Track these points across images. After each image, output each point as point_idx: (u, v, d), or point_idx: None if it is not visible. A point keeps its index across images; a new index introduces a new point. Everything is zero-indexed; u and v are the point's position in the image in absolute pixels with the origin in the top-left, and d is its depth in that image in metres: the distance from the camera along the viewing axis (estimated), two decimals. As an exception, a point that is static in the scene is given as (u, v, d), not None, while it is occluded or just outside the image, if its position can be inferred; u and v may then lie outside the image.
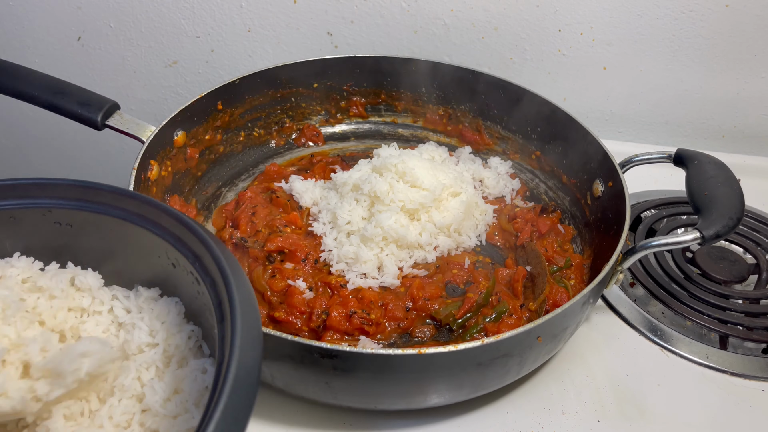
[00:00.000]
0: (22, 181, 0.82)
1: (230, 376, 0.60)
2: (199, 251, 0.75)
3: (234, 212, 1.27)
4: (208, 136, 1.38)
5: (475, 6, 1.57)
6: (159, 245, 0.80)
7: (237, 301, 0.67)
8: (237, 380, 0.60)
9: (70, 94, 1.18)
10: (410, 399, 0.95)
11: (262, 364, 0.67)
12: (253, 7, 1.64)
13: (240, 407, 0.59)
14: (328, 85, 1.52)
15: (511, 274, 1.17)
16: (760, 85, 1.62)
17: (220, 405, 0.57)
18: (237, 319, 0.65)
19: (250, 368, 0.63)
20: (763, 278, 1.28)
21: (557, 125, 1.35)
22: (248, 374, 0.62)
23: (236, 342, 0.63)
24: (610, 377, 1.09)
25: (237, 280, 0.70)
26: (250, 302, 0.70)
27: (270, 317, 1.07)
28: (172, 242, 0.78)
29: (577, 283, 1.15)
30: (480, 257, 1.24)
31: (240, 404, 0.59)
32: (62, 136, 1.97)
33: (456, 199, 1.24)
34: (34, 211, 0.82)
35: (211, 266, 0.72)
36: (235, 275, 0.70)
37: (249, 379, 0.62)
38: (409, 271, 1.17)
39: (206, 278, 0.73)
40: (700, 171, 1.11)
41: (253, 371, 0.64)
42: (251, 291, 0.72)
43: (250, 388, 0.62)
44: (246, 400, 0.61)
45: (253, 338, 0.66)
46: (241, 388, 0.60)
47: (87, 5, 1.69)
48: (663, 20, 1.54)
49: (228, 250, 0.77)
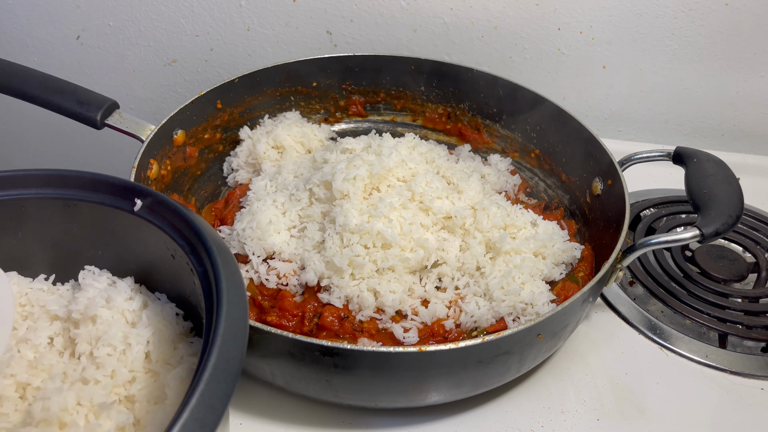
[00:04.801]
0: (32, 172, 0.83)
1: (210, 363, 0.60)
2: (194, 241, 0.75)
3: (223, 211, 1.26)
4: (208, 135, 1.37)
5: (475, 5, 1.57)
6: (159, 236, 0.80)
7: (224, 289, 0.67)
8: (216, 368, 0.61)
9: (69, 92, 1.18)
10: (410, 397, 0.95)
11: (245, 354, 0.67)
12: (252, 5, 1.64)
13: (218, 395, 0.60)
14: (327, 83, 1.52)
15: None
16: (759, 84, 1.62)
17: (197, 392, 0.58)
18: (222, 307, 0.66)
19: (232, 357, 0.63)
20: (763, 277, 1.28)
21: (556, 124, 1.35)
22: (229, 363, 0.63)
23: (219, 330, 0.63)
24: (610, 376, 1.09)
25: (227, 269, 0.70)
26: (238, 292, 0.70)
27: (262, 322, 1.04)
28: (170, 233, 0.78)
29: (586, 275, 1.14)
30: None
31: (218, 392, 0.60)
32: (61, 135, 1.97)
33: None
34: (45, 201, 0.83)
35: (204, 256, 0.73)
36: (225, 265, 0.70)
37: (229, 368, 0.62)
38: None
39: (199, 268, 0.73)
40: (700, 169, 1.11)
41: (234, 360, 0.64)
42: (241, 282, 0.73)
43: (229, 377, 0.62)
44: (225, 389, 0.61)
45: (237, 328, 0.66)
46: (220, 376, 0.61)
47: (86, 4, 1.69)
48: (662, 19, 1.54)
49: (222, 242, 0.77)
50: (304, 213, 1.17)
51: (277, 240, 1.12)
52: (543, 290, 1.07)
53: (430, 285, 1.10)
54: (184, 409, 0.56)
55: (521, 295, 1.03)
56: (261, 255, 1.12)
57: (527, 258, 1.10)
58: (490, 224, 1.13)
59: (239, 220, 1.17)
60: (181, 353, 0.80)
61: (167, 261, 0.82)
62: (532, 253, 1.12)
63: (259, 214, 1.14)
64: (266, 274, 1.10)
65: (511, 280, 1.05)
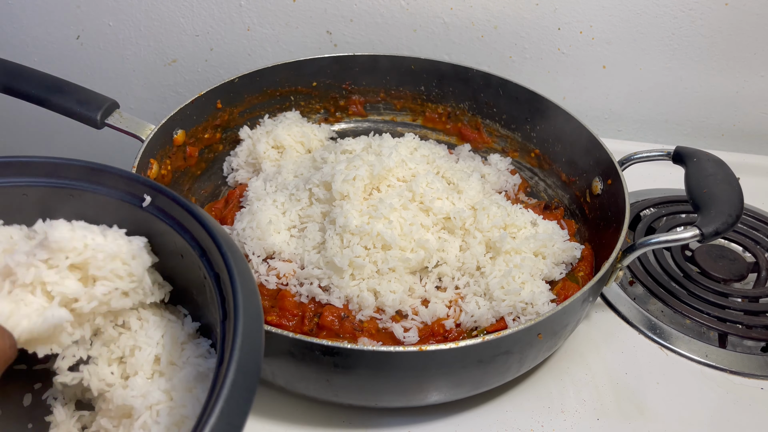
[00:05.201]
0: (37, 159, 0.82)
1: (228, 379, 0.59)
2: (206, 244, 0.75)
3: (223, 210, 1.26)
4: (208, 135, 1.38)
5: (475, 4, 1.57)
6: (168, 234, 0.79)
7: (241, 300, 0.66)
8: (235, 385, 0.59)
9: (69, 92, 1.18)
10: (410, 396, 0.95)
11: (262, 365, 0.66)
12: (252, 5, 1.64)
13: (237, 413, 0.59)
14: (327, 83, 1.52)
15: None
16: (759, 84, 1.63)
17: (216, 410, 0.57)
18: (239, 321, 0.64)
19: (250, 372, 0.62)
20: (762, 276, 1.28)
21: (556, 123, 1.35)
22: (247, 378, 0.61)
23: (237, 344, 0.62)
24: (610, 375, 1.09)
25: (242, 278, 0.69)
26: (254, 302, 0.69)
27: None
28: (180, 232, 0.78)
29: (586, 274, 1.14)
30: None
31: (237, 410, 0.59)
32: (61, 135, 1.96)
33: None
34: (49, 190, 0.82)
35: (217, 261, 0.72)
36: (241, 273, 0.69)
37: (248, 384, 0.61)
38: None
39: (211, 273, 0.73)
40: (699, 168, 1.11)
41: (252, 375, 0.63)
42: (256, 291, 0.72)
43: (248, 393, 0.61)
44: (243, 406, 0.60)
45: (254, 341, 0.65)
46: (239, 393, 0.59)
47: (86, 4, 1.69)
48: (662, 19, 1.54)
49: (236, 246, 0.76)
50: (304, 213, 1.17)
51: (277, 240, 1.12)
52: (543, 290, 1.07)
53: (430, 285, 1.10)
54: (204, 428, 0.55)
55: (521, 295, 1.03)
56: (261, 255, 1.12)
57: (527, 257, 1.10)
58: (490, 224, 1.13)
59: (239, 219, 1.17)
60: (188, 354, 0.80)
61: (175, 260, 0.81)
62: (532, 253, 1.12)
63: (259, 213, 1.14)
64: (266, 274, 1.10)
65: (511, 279, 1.05)
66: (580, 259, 1.16)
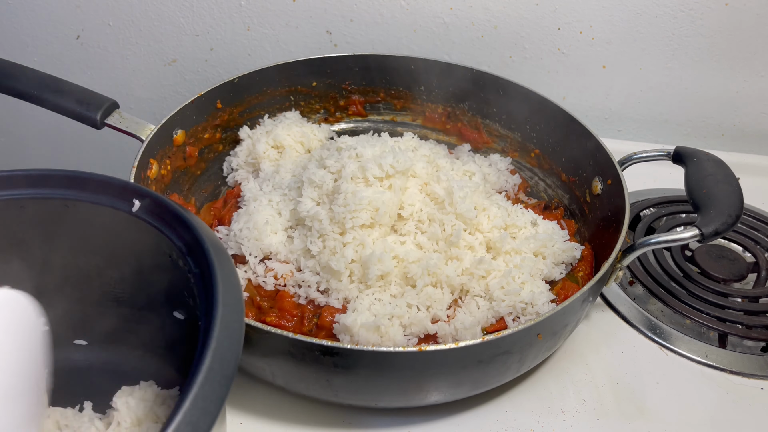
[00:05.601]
0: (32, 172, 0.83)
1: (203, 365, 0.60)
2: (191, 243, 0.75)
3: (221, 210, 1.26)
4: (208, 135, 1.38)
5: (475, 4, 1.57)
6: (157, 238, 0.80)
7: (219, 291, 0.67)
8: (211, 370, 0.60)
9: (68, 92, 1.18)
10: (410, 396, 0.95)
11: (240, 357, 0.67)
12: (252, 5, 1.64)
13: (211, 398, 0.59)
14: (327, 83, 1.52)
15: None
16: (759, 84, 1.62)
17: (189, 395, 0.57)
18: (217, 309, 0.65)
19: (227, 360, 0.63)
20: (762, 277, 1.28)
21: (556, 123, 1.35)
22: (223, 365, 0.62)
23: (213, 332, 0.63)
24: (609, 375, 1.09)
25: (222, 271, 0.69)
26: (234, 294, 0.70)
27: (261, 322, 1.03)
28: (168, 234, 0.78)
29: (586, 274, 1.14)
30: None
31: (212, 395, 0.59)
32: (61, 135, 1.97)
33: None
34: (45, 201, 0.83)
35: (200, 258, 0.72)
36: (221, 267, 0.70)
37: (224, 371, 0.62)
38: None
39: (195, 270, 0.73)
40: (699, 168, 1.11)
41: (229, 363, 0.63)
42: (237, 284, 0.72)
43: (224, 379, 0.62)
44: (219, 391, 0.60)
45: (233, 330, 0.66)
46: (214, 378, 0.60)
47: (86, 4, 1.69)
48: (662, 19, 1.54)
49: (220, 243, 0.77)
50: (294, 215, 1.16)
51: (274, 240, 1.12)
52: (543, 290, 1.07)
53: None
54: (176, 411, 0.56)
55: (521, 295, 1.03)
56: (258, 255, 1.12)
57: (527, 258, 1.10)
58: (490, 224, 1.13)
59: (236, 220, 1.17)
60: (165, 411, 0.81)
61: (165, 263, 0.82)
62: (532, 253, 1.12)
63: (255, 214, 1.14)
64: (264, 275, 1.10)
65: (511, 279, 1.05)
66: (580, 259, 1.16)
